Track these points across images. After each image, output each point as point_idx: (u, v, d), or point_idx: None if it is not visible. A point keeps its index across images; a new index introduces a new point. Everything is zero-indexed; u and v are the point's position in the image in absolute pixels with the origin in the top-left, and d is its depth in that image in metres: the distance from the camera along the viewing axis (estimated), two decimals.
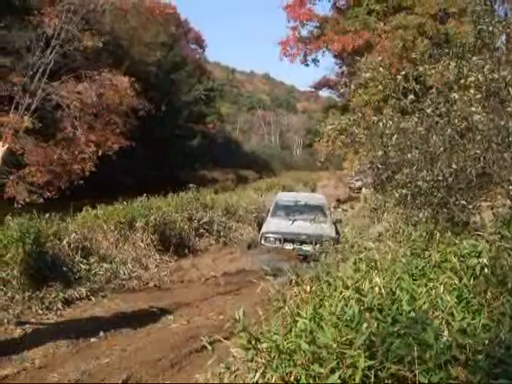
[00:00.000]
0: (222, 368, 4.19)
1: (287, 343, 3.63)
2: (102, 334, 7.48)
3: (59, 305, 8.59)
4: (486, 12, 7.89)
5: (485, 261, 4.65)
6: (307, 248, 14.11)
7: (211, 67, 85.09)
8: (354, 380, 3.04)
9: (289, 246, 14.78)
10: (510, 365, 2.97)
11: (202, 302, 9.60)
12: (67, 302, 8.83)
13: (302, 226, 15.09)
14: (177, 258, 13.75)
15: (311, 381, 3.20)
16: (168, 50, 44.39)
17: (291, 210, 17.04)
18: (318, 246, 13.46)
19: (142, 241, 13.04)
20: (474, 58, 7.01)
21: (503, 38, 9.75)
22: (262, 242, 15.29)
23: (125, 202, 14.77)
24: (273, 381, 3.54)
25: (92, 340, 7.27)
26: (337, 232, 15.42)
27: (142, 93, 26.62)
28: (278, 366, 3.51)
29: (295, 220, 15.71)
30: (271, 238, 15.11)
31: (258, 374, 3.76)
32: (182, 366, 6.34)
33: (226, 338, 5.02)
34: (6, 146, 7.04)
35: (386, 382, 3.05)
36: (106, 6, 25.73)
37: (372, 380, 3.03)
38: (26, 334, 7.32)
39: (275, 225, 15.87)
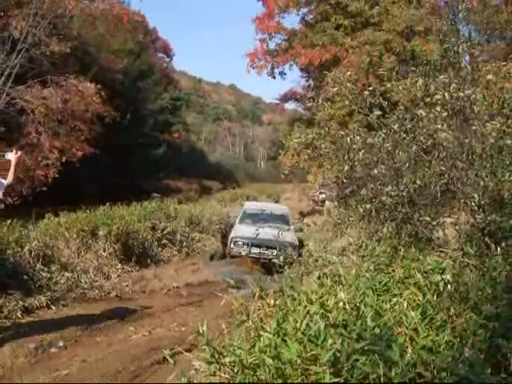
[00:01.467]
0: (184, 382, 4.13)
1: (251, 358, 3.60)
2: (61, 344, 7.36)
3: (18, 314, 8.43)
4: (451, 31, 8.00)
5: (448, 277, 4.67)
6: (272, 252, 15.24)
7: (178, 76, 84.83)
8: None
9: (255, 250, 15.94)
10: (473, 382, 2.98)
11: (163, 313, 9.53)
12: (27, 311, 8.68)
13: (267, 232, 16.12)
14: (139, 268, 13.65)
15: None
16: (135, 58, 44.06)
17: (258, 218, 18.42)
18: (281, 251, 14.15)
19: (104, 250, 12.90)
20: (441, 77, 7.10)
21: (467, 57, 9.90)
22: (232, 245, 16.42)
23: (87, 210, 14.63)
24: None
25: (52, 350, 7.14)
26: (298, 240, 16.66)
27: (107, 100, 26.37)
28: (242, 381, 3.48)
29: (261, 227, 16.83)
30: (239, 242, 16.33)
31: None
32: (143, 379, 6.26)
33: (187, 351, 4.97)
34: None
35: None
36: (75, 11, 25.49)
37: None
38: None
39: (243, 230, 17.00)
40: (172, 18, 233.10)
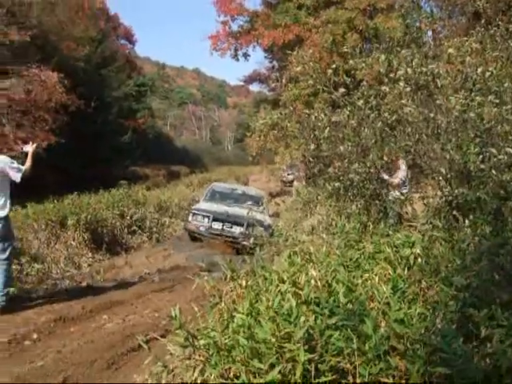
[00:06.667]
0: (160, 367, 4.11)
1: (225, 339, 3.60)
2: (35, 336, 7.27)
3: None
4: (413, 7, 8.06)
5: (418, 251, 4.73)
6: (237, 230, 14.36)
7: (141, 62, 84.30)
8: (295, 374, 3.03)
9: (217, 226, 14.76)
10: (446, 352, 3.01)
11: (136, 299, 9.46)
12: None
13: (235, 209, 15.32)
14: (110, 256, 13.58)
15: (251, 377, 3.18)
16: (97, 45, 43.48)
17: (227, 197, 17.06)
18: (249, 228, 13.93)
19: (73, 239, 12.81)
20: (403, 52, 7.13)
21: (429, 33, 9.94)
22: (190, 219, 15.28)
23: (55, 201, 14.52)
24: (212, 378, 3.49)
25: (25, 343, 7.05)
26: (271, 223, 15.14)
27: (71, 89, 26.11)
28: (217, 362, 3.47)
29: (230, 206, 15.90)
30: (199, 216, 15.09)
31: (196, 372, 3.72)
32: (118, 366, 6.21)
33: (162, 336, 4.97)
34: None
35: (327, 374, 3.05)
36: None
37: (312, 373, 3.03)
38: None
39: (206, 206, 15.91)
40: (133, 4, 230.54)
